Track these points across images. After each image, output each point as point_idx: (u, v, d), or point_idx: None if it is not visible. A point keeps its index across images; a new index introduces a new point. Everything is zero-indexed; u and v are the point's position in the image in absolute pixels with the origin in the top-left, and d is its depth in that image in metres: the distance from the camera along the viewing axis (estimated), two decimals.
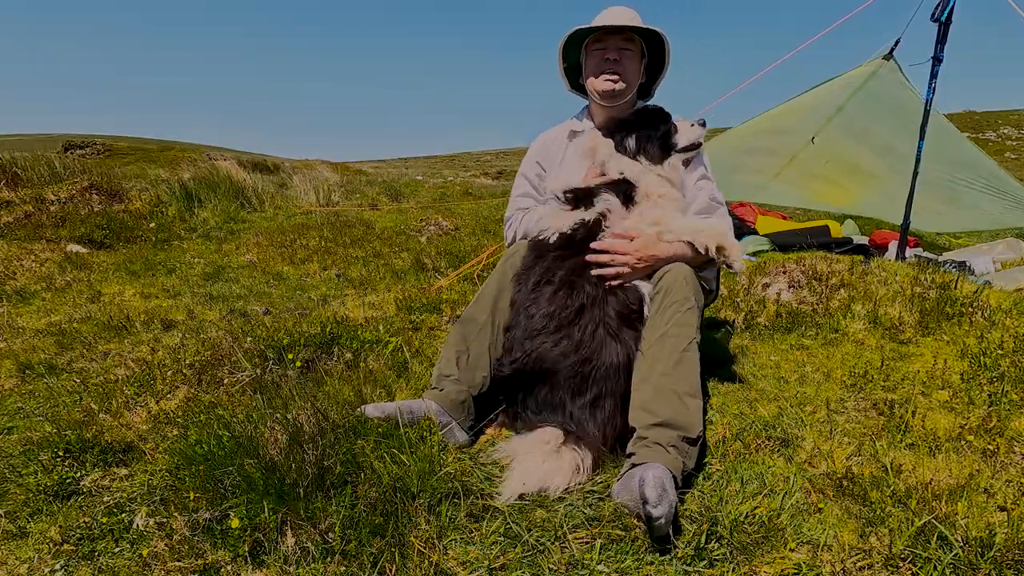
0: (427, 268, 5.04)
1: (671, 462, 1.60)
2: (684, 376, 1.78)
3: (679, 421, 1.69)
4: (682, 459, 1.65)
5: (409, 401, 1.95)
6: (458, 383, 1.99)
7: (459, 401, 1.96)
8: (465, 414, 1.97)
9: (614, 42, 2.24)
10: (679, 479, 1.60)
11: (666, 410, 1.71)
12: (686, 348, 1.82)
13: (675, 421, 1.69)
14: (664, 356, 1.81)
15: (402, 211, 8.48)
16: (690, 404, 1.74)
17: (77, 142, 28.20)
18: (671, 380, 1.76)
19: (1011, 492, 1.63)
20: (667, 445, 1.64)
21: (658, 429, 1.68)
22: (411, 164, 35.79)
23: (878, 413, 2.12)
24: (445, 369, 2.03)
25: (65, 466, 1.93)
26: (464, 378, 2.00)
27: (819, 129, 6.13)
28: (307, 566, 1.45)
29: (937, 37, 4.43)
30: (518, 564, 1.45)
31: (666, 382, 1.76)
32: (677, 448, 1.65)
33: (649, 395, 1.76)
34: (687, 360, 1.81)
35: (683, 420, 1.70)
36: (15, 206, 6.51)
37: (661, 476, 1.47)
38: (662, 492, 1.43)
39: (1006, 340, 2.53)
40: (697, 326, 1.89)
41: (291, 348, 2.61)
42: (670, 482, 1.49)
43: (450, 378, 2.00)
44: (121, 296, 4.33)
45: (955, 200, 5.90)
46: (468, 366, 2.02)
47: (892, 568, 1.40)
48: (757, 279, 3.53)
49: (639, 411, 1.75)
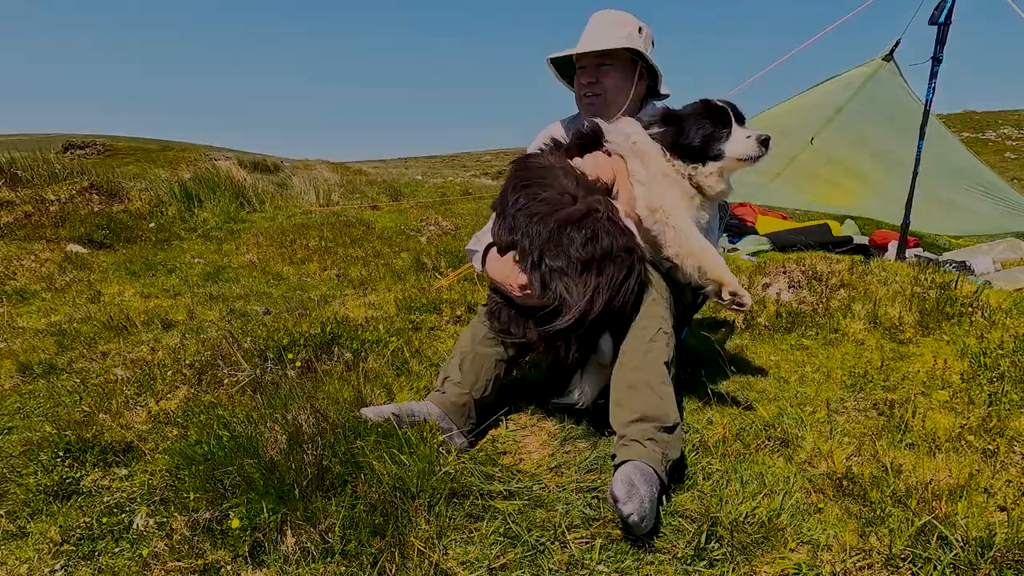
0: (427, 268, 5.04)
1: (647, 455, 1.61)
2: (653, 366, 1.79)
3: (654, 412, 1.70)
4: (661, 449, 1.64)
5: (410, 403, 1.95)
6: (460, 386, 1.99)
7: (460, 404, 1.96)
8: (465, 417, 1.97)
9: (590, 61, 2.28)
10: (661, 471, 1.60)
11: (640, 404, 1.72)
12: (653, 337, 1.83)
13: (650, 413, 1.70)
14: (632, 348, 1.83)
15: (402, 211, 8.48)
16: (663, 392, 1.75)
17: (77, 142, 28.19)
18: (642, 373, 1.78)
19: (1011, 492, 1.63)
20: (643, 440, 1.65)
21: (635, 425, 1.69)
22: (411, 164, 35.79)
23: (878, 413, 2.12)
24: (449, 371, 2.04)
25: (65, 466, 1.93)
26: (467, 381, 2.00)
27: (818, 130, 6.14)
28: (307, 566, 1.45)
29: (937, 38, 4.43)
30: (518, 564, 1.45)
31: (637, 376, 1.78)
32: (654, 440, 1.65)
33: (623, 392, 1.78)
34: (655, 349, 1.82)
35: (657, 411, 1.71)
36: (15, 206, 6.51)
37: (629, 473, 1.49)
38: (630, 488, 1.44)
39: (1006, 340, 2.53)
40: (663, 315, 1.89)
41: (291, 348, 2.61)
42: (641, 476, 1.50)
43: (452, 380, 2.00)
44: (121, 296, 4.33)
45: (954, 204, 5.90)
46: (471, 369, 2.01)
47: (892, 568, 1.40)
48: (757, 279, 3.53)
49: (616, 408, 1.77)
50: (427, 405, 1.94)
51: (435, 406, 1.94)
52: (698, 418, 2.11)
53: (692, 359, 2.59)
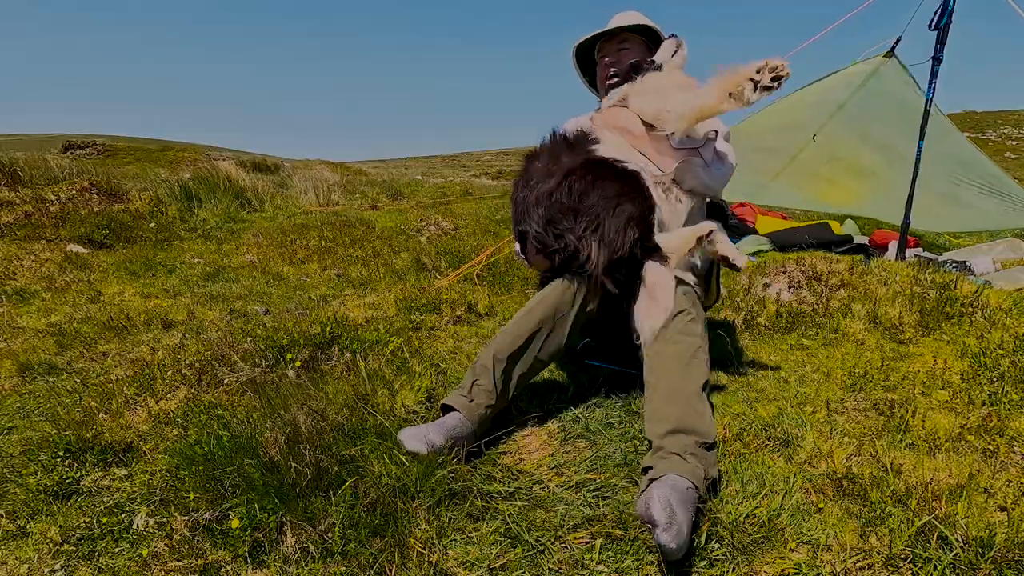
0: (427, 268, 5.04)
1: (690, 471, 1.51)
2: (692, 381, 1.75)
3: (693, 425, 1.64)
4: (703, 467, 1.56)
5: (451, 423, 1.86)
6: (490, 395, 1.93)
7: (487, 416, 1.94)
8: (487, 426, 1.97)
9: (612, 46, 2.46)
10: (701, 489, 1.51)
11: (676, 412, 1.66)
12: (693, 355, 1.81)
13: (688, 425, 1.63)
14: (670, 366, 1.79)
15: (402, 211, 8.48)
16: (701, 409, 1.70)
17: (77, 142, 28.19)
18: (680, 385, 1.74)
19: (1011, 492, 1.63)
20: (684, 453, 1.56)
21: (673, 436, 1.61)
22: (411, 164, 35.77)
23: (878, 413, 2.12)
24: (481, 377, 1.95)
25: (65, 466, 1.93)
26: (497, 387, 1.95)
27: (820, 127, 6.12)
28: (307, 566, 1.45)
29: (937, 38, 4.43)
30: (518, 564, 1.45)
31: (675, 387, 1.74)
32: (696, 456, 1.57)
33: (659, 402, 1.72)
34: (694, 366, 1.79)
35: (697, 424, 1.64)
36: (15, 206, 6.51)
37: (667, 496, 1.37)
38: (670, 514, 1.33)
39: (1006, 340, 2.53)
40: (701, 335, 1.89)
41: (291, 348, 2.61)
42: (679, 498, 1.40)
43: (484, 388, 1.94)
44: (121, 296, 4.33)
45: (955, 200, 5.88)
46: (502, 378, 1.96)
47: (892, 568, 1.40)
48: (757, 279, 3.52)
49: (651, 422, 1.70)
50: (462, 421, 1.87)
51: (468, 422, 1.88)
52: None
53: None
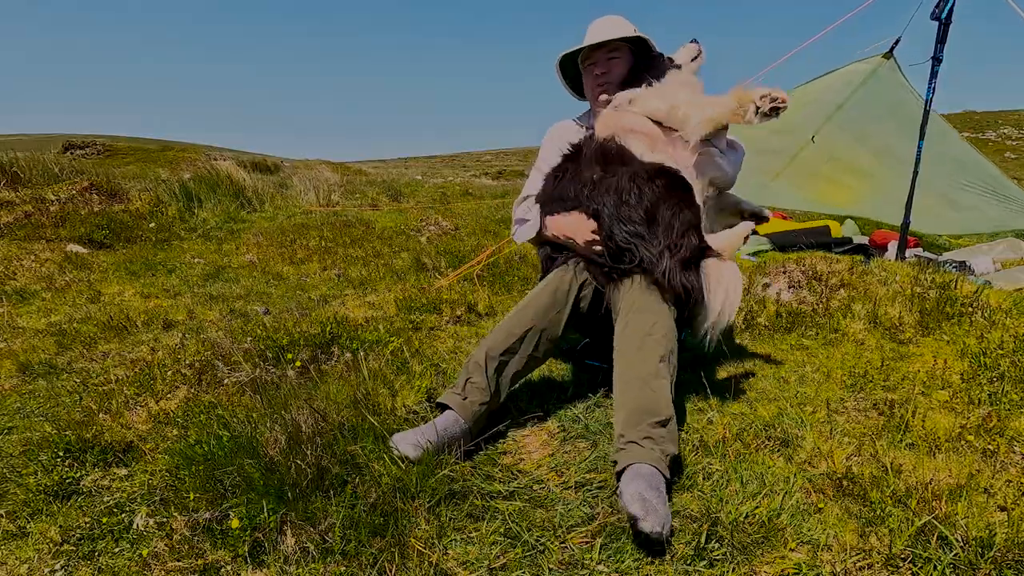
0: (427, 268, 5.04)
1: (647, 455, 1.61)
2: (646, 360, 1.81)
3: (647, 406, 1.71)
4: (659, 447, 1.64)
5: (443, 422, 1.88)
6: (484, 392, 1.94)
7: (481, 414, 1.94)
8: (483, 423, 1.97)
9: (601, 56, 2.42)
10: (664, 468, 1.61)
11: (631, 396, 1.75)
12: (649, 331, 1.86)
13: (642, 406, 1.71)
14: (627, 346, 1.87)
15: (402, 211, 8.48)
16: (655, 386, 1.76)
17: (77, 142, 28.19)
18: (635, 368, 1.80)
19: (1011, 492, 1.63)
20: (640, 439, 1.65)
21: (629, 423, 1.69)
22: (411, 164, 35.78)
23: (878, 413, 2.12)
24: (474, 375, 1.96)
25: (65, 466, 1.93)
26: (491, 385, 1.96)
27: (819, 127, 6.13)
28: (307, 566, 1.45)
29: (937, 37, 4.42)
30: (518, 564, 1.45)
31: (629, 371, 1.81)
32: (651, 437, 1.66)
33: (618, 391, 1.82)
34: (649, 343, 1.84)
35: (650, 404, 1.72)
36: (15, 206, 6.51)
37: (638, 489, 1.49)
38: (644, 504, 1.45)
39: (1006, 340, 2.53)
40: (656, 309, 1.92)
41: (291, 348, 2.61)
42: (648, 486, 1.51)
43: (478, 386, 1.95)
44: (121, 296, 4.33)
45: (955, 202, 5.88)
46: (495, 375, 1.98)
47: (892, 568, 1.40)
48: (757, 279, 3.52)
49: (615, 411, 1.79)
50: (457, 421, 1.89)
51: (462, 420, 1.89)
52: (698, 418, 2.11)
53: (692, 359, 2.60)
